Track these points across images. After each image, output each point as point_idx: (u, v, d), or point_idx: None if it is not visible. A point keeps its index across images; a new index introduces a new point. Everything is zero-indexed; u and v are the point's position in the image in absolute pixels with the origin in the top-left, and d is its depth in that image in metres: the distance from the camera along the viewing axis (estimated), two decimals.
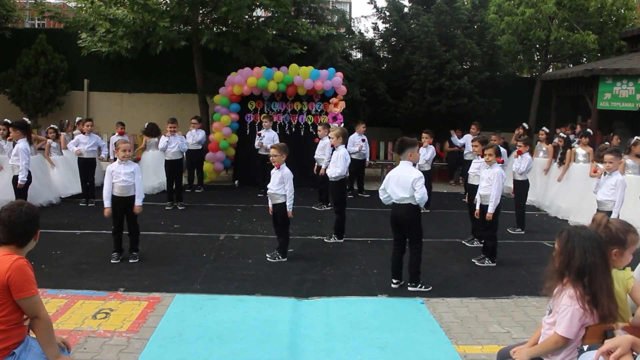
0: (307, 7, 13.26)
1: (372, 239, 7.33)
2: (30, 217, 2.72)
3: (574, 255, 2.56)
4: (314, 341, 4.16)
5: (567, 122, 12.24)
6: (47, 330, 2.68)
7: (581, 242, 2.56)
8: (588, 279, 2.52)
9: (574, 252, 2.56)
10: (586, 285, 2.53)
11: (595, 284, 2.52)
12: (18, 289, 2.56)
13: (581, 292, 2.54)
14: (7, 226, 2.68)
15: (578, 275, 2.55)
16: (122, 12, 11.06)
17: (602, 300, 2.51)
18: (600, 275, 2.53)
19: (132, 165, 6.06)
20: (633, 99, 10.70)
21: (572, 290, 2.57)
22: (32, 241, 2.78)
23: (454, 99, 12.46)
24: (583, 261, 2.54)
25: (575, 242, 2.57)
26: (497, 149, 6.31)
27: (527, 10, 13.30)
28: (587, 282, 2.52)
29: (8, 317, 2.58)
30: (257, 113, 11.33)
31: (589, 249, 2.54)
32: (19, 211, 2.70)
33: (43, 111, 13.38)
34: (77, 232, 7.14)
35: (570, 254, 2.58)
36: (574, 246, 2.57)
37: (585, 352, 2.59)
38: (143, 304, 4.77)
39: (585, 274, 2.53)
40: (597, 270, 2.53)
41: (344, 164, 7.04)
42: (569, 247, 2.59)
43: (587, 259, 2.54)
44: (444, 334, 4.32)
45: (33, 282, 2.64)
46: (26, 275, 2.60)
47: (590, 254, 2.54)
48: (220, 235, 7.26)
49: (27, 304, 2.60)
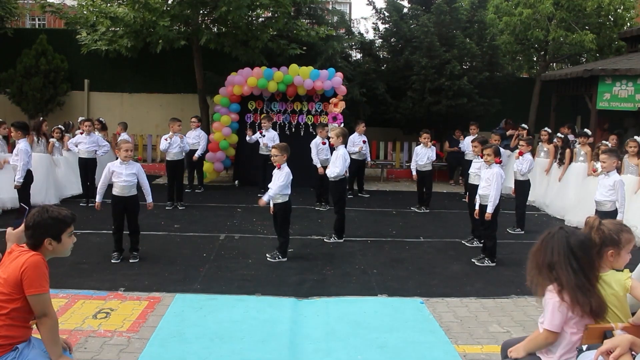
0: (306, 8, 13.27)
1: (372, 239, 7.34)
2: (34, 223, 2.71)
3: (545, 253, 2.75)
4: (314, 341, 4.17)
5: (566, 122, 12.25)
6: (53, 330, 2.70)
7: (551, 242, 2.75)
8: (555, 275, 2.69)
9: (545, 250, 2.76)
10: (555, 279, 2.69)
11: (560, 279, 2.67)
12: (29, 285, 2.58)
13: (556, 286, 2.70)
14: (24, 228, 2.76)
15: (550, 270, 2.72)
16: (123, 11, 11.08)
17: (580, 295, 2.62)
18: (565, 272, 2.67)
19: (134, 166, 6.07)
20: (632, 99, 10.72)
21: (551, 285, 2.71)
22: (45, 248, 2.73)
23: (454, 99, 12.47)
24: (550, 258, 2.71)
25: (547, 241, 2.77)
26: (496, 149, 6.33)
27: (525, 10, 13.33)
28: (554, 277, 2.69)
29: (17, 313, 2.61)
30: (257, 113, 11.34)
31: (555, 248, 2.72)
32: (32, 215, 2.74)
33: (43, 111, 13.38)
34: (77, 232, 7.10)
35: (543, 251, 2.77)
36: (546, 245, 2.77)
37: (585, 352, 2.61)
38: (143, 303, 4.79)
39: (553, 270, 2.70)
40: (562, 268, 2.68)
41: (342, 164, 7.05)
42: (542, 246, 2.79)
43: (552, 257, 2.71)
44: (443, 333, 4.34)
45: (46, 279, 2.66)
46: (40, 272, 2.63)
47: (556, 253, 2.70)
48: (220, 235, 7.28)
49: (36, 300, 2.61)
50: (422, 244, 7.17)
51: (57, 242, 2.75)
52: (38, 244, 2.72)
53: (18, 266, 2.60)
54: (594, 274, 2.71)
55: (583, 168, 8.88)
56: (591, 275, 2.69)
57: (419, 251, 6.83)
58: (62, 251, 2.81)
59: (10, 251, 2.75)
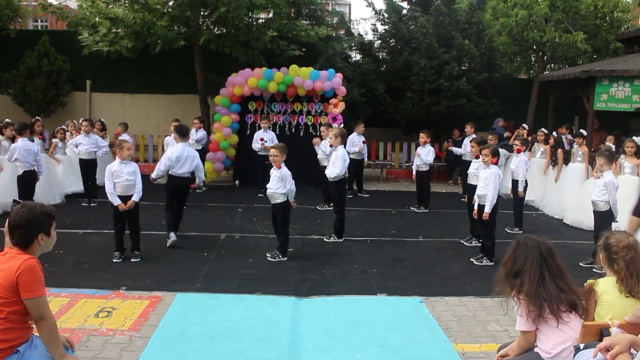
0: (306, 9, 13.32)
1: (371, 238, 7.38)
2: (26, 220, 2.68)
3: (517, 261, 2.90)
4: (313, 340, 4.21)
5: (564, 123, 12.31)
6: (52, 332, 2.69)
7: (524, 251, 2.90)
8: (520, 281, 2.85)
9: (518, 258, 2.91)
10: (518, 285, 2.86)
11: (525, 284, 2.83)
12: (26, 289, 2.58)
13: (515, 291, 2.87)
14: (10, 228, 2.72)
15: (514, 277, 2.88)
16: (123, 11, 11.12)
17: (536, 297, 2.79)
18: (532, 277, 2.83)
19: (133, 165, 6.13)
20: (629, 100, 10.78)
21: (513, 292, 2.90)
22: (37, 244, 2.73)
23: (453, 99, 12.52)
24: (521, 267, 2.87)
25: (521, 250, 2.92)
26: (493, 149, 6.37)
27: (521, 12, 13.38)
28: (519, 283, 2.85)
29: (16, 315, 2.60)
30: (258, 114, 11.39)
31: (529, 256, 2.88)
32: (18, 213, 2.70)
33: (46, 112, 13.43)
34: (79, 231, 7.19)
35: (515, 259, 2.92)
36: (519, 254, 2.91)
37: (582, 351, 2.64)
38: (145, 302, 4.83)
39: (519, 276, 2.86)
40: (530, 274, 2.84)
41: (342, 165, 7.09)
42: (515, 254, 2.93)
43: (524, 265, 2.87)
44: (442, 332, 4.37)
45: (42, 283, 2.66)
46: (35, 275, 2.62)
47: (529, 261, 2.87)
48: (221, 235, 7.32)
49: (33, 304, 2.61)
50: (421, 244, 7.21)
51: (47, 236, 2.76)
52: (31, 241, 2.70)
53: (13, 270, 2.58)
54: (564, 278, 2.88)
55: (580, 168, 8.92)
56: (560, 280, 2.86)
57: (418, 251, 6.87)
58: (50, 245, 2.82)
59: (4, 253, 2.74)
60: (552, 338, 2.81)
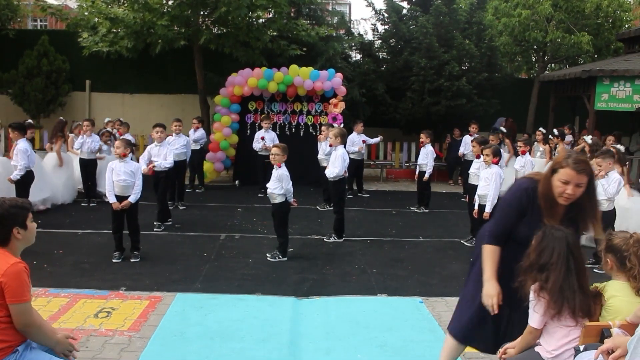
0: (306, 9, 13.32)
1: (371, 238, 7.37)
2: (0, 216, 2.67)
3: (543, 253, 2.76)
4: (313, 340, 4.21)
5: (565, 123, 12.30)
6: (40, 333, 2.68)
7: (552, 242, 2.76)
8: (546, 275, 2.72)
9: (544, 250, 2.77)
10: (542, 280, 2.73)
11: (550, 280, 2.71)
12: (11, 295, 2.56)
13: (538, 285, 2.75)
14: None
15: (539, 271, 2.75)
16: (123, 11, 11.11)
17: (560, 296, 2.68)
18: (558, 273, 2.71)
19: (133, 165, 6.10)
20: (630, 100, 10.77)
21: (534, 285, 2.78)
22: (15, 238, 2.69)
23: (453, 99, 12.52)
24: (548, 259, 2.74)
25: (547, 241, 2.78)
26: (495, 149, 6.37)
27: (524, 11, 13.36)
28: (544, 277, 2.73)
29: (8, 317, 2.59)
30: (258, 113, 11.39)
31: (556, 248, 2.74)
32: None
33: (45, 112, 13.43)
34: (78, 231, 7.19)
35: (541, 251, 2.78)
36: (545, 245, 2.77)
37: (582, 352, 2.63)
38: (144, 303, 4.82)
39: (545, 270, 2.73)
40: (557, 269, 2.71)
41: (341, 164, 7.09)
42: (541, 245, 2.79)
43: (551, 258, 2.73)
44: (442, 332, 4.35)
45: (27, 289, 2.63)
46: (21, 281, 2.59)
47: (556, 254, 2.73)
48: (220, 235, 7.31)
49: (17, 310, 2.58)
50: (421, 244, 7.21)
51: (24, 229, 2.72)
52: (7, 236, 2.67)
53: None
54: (585, 275, 2.78)
55: None
56: (582, 277, 2.75)
57: (419, 251, 6.86)
58: (29, 238, 2.78)
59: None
60: (558, 339, 2.74)
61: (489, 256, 3.05)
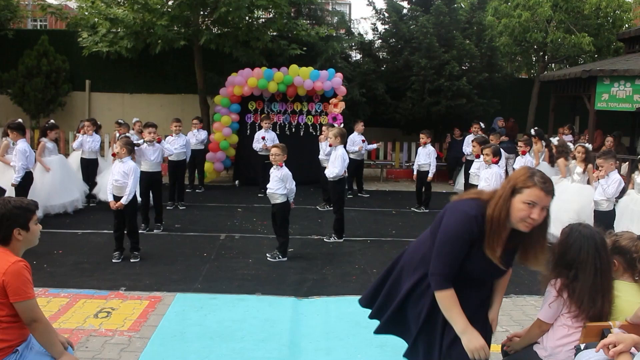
0: (306, 9, 13.32)
1: (371, 238, 7.37)
2: (1, 216, 2.64)
3: (570, 250, 2.67)
4: (313, 340, 4.20)
5: (565, 123, 12.31)
6: (46, 333, 2.66)
7: (579, 239, 2.67)
8: (573, 273, 2.64)
9: (571, 247, 2.68)
10: (569, 278, 2.64)
11: (578, 279, 2.62)
12: (14, 293, 2.55)
13: (562, 282, 2.66)
14: None
15: (565, 267, 2.67)
16: (122, 12, 11.11)
17: (588, 297, 2.59)
18: (587, 273, 2.62)
19: (128, 165, 6.03)
20: (630, 100, 10.77)
21: (554, 280, 2.70)
22: (15, 239, 2.67)
23: (453, 99, 12.51)
24: (575, 257, 2.65)
25: (575, 237, 2.69)
26: (495, 149, 6.37)
27: (524, 13, 13.36)
28: (571, 275, 2.64)
29: (9, 317, 2.59)
30: (258, 113, 11.38)
31: (585, 246, 2.65)
32: None
33: (45, 112, 13.43)
34: (78, 231, 7.18)
35: (567, 247, 2.69)
36: (573, 241, 2.68)
37: (583, 351, 2.63)
38: (144, 303, 4.82)
39: (572, 268, 2.64)
40: (586, 268, 2.62)
41: (341, 164, 7.08)
42: (568, 241, 2.70)
43: (579, 255, 2.64)
44: None
45: (30, 286, 2.61)
46: (23, 279, 2.57)
47: (584, 252, 2.64)
48: (220, 235, 7.31)
49: (23, 307, 2.57)
50: None
51: (26, 231, 2.69)
52: (8, 237, 2.65)
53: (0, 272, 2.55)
54: (610, 277, 2.70)
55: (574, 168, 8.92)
56: (608, 276, 2.67)
57: None
58: (31, 240, 2.75)
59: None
60: (559, 338, 2.71)
61: (451, 304, 2.54)
